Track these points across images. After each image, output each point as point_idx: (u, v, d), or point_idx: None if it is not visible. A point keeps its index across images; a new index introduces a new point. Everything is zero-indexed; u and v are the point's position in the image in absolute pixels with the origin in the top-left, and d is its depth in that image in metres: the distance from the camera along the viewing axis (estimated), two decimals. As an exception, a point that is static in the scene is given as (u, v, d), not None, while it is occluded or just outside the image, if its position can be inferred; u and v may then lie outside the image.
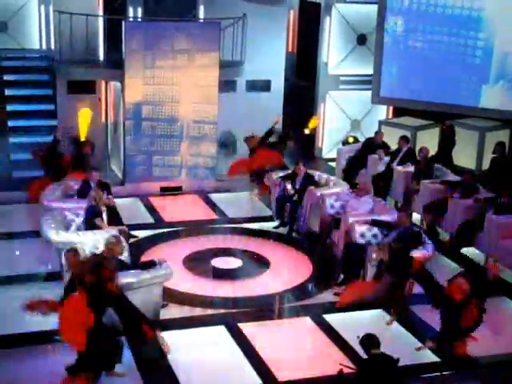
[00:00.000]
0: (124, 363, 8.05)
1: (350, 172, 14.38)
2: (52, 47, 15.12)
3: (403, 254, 9.57)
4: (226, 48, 14.67)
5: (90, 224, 10.24)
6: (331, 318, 9.47)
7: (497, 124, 15.90)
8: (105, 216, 10.62)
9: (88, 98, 15.01)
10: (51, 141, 13.82)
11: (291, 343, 8.91)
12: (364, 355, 7.23)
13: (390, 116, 17.30)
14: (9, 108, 14.72)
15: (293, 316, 9.66)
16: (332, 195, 11.90)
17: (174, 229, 12.38)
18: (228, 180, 14.46)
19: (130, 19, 15.03)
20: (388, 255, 9.80)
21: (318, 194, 11.96)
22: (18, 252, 11.18)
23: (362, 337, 7.20)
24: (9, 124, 14.60)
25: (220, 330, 9.09)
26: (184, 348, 8.64)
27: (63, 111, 14.80)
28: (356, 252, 10.38)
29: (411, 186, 13.00)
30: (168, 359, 8.31)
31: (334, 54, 16.66)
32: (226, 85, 15.14)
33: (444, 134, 15.59)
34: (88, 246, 9.37)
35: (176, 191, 14.31)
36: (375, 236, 10.43)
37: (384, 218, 10.60)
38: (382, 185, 13.56)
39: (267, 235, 12.25)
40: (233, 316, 9.48)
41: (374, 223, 10.47)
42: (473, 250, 11.57)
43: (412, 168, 13.32)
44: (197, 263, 11.04)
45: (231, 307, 9.74)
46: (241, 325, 9.20)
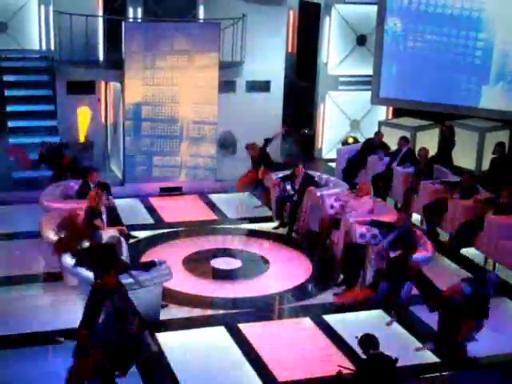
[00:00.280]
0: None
1: (350, 172, 14.38)
2: (52, 48, 15.09)
3: (401, 260, 9.56)
4: (226, 48, 14.65)
5: (90, 225, 10.23)
6: (331, 319, 9.47)
7: (496, 124, 15.89)
8: (104, 217, 10.61)
9: (88, 99, 15.01)
10: (57, 143, 13.87)
11: (291, 343, 8.90)
12: (363, 355, 7.23)
13: (390, 116, 17.29)
14: (8, 109, 14.69)
15: (292, 316, 9.67)
16: (332, 195, 11.90)
17: (174, 229, 12.38)
18: (228, 180, 14.45)
19: (130, 20, 15.03)
20: (385, 262, 9.79)
21: (318, 195, 11.96)
22: (18, 252, 11.17)
23: (361, 337, 7.21)
24: (8, 125, 14.58)
25: (220, 331, 9.09)
26: (184, 348, 8.65)
27: (63, 112, 14.79)
28: (356, 252, 10.37)
29: (413, 185, 12.96)
30: (168, 359, 8.30)
31: (334, 55, 16.64)
32: (226, 85, 15.11)
33: (444, 135, 15.56)
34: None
35: (176, 192, 14.30)
36: (375, 236, 10.41)
37: (384, 219, 10.60)
38: (382, 185, 13.56)
39: (267, 236, 12.25)
40: (233, 316, 9.47)
41: (374, 223, 10.46)
42: (473, 251, 11.57)
43: (412, 168, 13.32)
44: (197, 264, 11.03)
45: (231, 308, 9.74)
46: (241, 325, 9.20)
